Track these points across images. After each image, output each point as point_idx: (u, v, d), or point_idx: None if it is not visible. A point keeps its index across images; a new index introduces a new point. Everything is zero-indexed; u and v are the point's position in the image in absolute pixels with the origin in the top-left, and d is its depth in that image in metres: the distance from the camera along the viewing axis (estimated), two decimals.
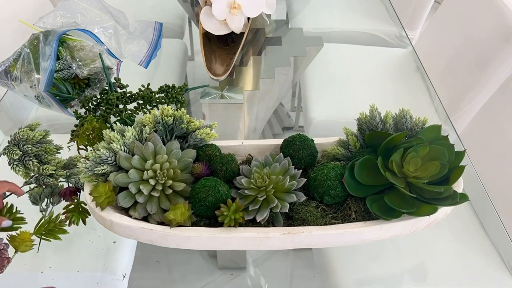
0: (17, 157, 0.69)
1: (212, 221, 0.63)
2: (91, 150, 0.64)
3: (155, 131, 0.67)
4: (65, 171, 0.72)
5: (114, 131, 0.65)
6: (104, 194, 0.61)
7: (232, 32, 1.05)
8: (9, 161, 0.70)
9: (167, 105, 0.70)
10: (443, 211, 0.63)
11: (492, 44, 1.13)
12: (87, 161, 0.62)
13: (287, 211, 0.61)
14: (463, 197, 0.60)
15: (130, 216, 0.62)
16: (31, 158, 0.70)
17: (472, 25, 1.23)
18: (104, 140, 0.65)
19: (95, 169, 0.62)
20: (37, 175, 0.71)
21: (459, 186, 0.64)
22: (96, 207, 0.62)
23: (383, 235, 0.64)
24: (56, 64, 0.88)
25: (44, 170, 0.70)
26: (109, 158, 0.63)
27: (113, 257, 0.85)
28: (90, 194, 0.62)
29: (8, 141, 0.71)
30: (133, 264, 0.90)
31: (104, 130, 0.65)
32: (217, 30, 1.04)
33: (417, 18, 1.70)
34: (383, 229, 0.62)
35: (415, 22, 1.72)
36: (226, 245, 0.63)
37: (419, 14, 1.69)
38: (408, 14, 1.70)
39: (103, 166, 0.62)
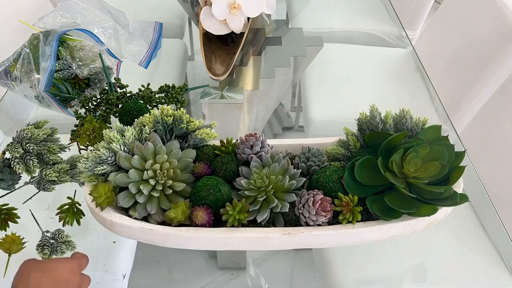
0: (19, 155, 0.69)
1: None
2: (91, 150, 0.63)
3: (155, 131, 0.67)
4: (68, 176, 0.72)
5: (114, 130, 0.65)
6: (104, 194, 0.61)
7: (232, 32, 1.05)
8: (11, 157, 0.70)
9: (167, 105, 0.70)
10: (443, 212, 0.63)
11: (492, 44, 1.13)
12: (87, 161, 0.62)
13: (287, 210, 0.61)
14: (463, 198, 0.60)
15: (130, 216, 0.62)
16: (32, 157, 0.69)
17: (472, 25, 1.23)
18: (104, 140, 0.65)
19: (95, 169, 0.62)
20: (39, 178, 0.71)
21: (459, 187, 0.64)
22: (96, 207, 0.62)
23: (383, 235, 0.64)
24: (56, 64, 0.88)
25: (47, 176, 0.69)
26: (109, 158, 0.63)
27: (113, 257, 0.85)
28: (90, 194, 0.62)
29: (13, 138, 0.71)
30: (133, 264, 0.90)
31: (104, 130, 0.65)
32: (217, 30, 1.04)
33: (417, 18, 1.70)
34: (383, 230, 0.62)
35: (415, 22, 1.72)
36: (227, 245, 0.63)
37: (419, 14, 1.69)
38: (408, 14, 1.70)
39: (103, 166, 0.62)
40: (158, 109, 0.69)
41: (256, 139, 0.67)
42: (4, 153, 0.72)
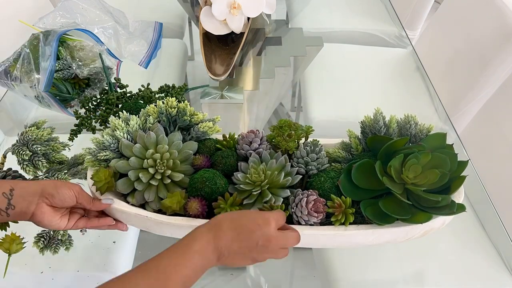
0: (27, 157, 0.69)
1: (207, 212, 0.63)
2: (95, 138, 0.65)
3: (159, 122, 0.68)
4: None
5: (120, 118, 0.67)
6: (104, 179, 0.62)
7: (232, 32, 1.05)
8: (19, 160, 0.70)
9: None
10: (441, 221, 0.63)
11: (492, 44, 1.13)
12: (92, 148, 0.64)
13: (279, 204, 0.62)
14: (460, 208, 0.59)
15: (128, 203, 0.64)
16: (40, 158, 0.70)
17: (472, 25, 1.23)
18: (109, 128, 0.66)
19: (98, 154, 0.64)
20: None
21: (459, 196, 0.64)
22: (96, 191, 0.63)
23: (376, 240, 0.63)
24: (56, 64, 0.88)
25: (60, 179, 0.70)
26: (112, 145, 0.64)
27: (113, 257, 0.85)
28: (91, 178, 0.63)
29: (17, 140, 0.71)
30: (133, 264, 0.90)
31: (110, 117, 0.67)
32: (217, 30, 1.04)
33: (417, 18, 1.70)
34: (376, 234, 0.62)
35: (415, 22, 1.72)
36: None
37: (419, 14, 1.69)
38: (408, 14, 1.70)
39: (105, 152, 0.64)
40: None
41: (255, 136, 0.67)
42: (5, 156, 0.72)
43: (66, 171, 0.71)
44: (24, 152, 0.69)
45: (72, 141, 0.79)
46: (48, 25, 0.99)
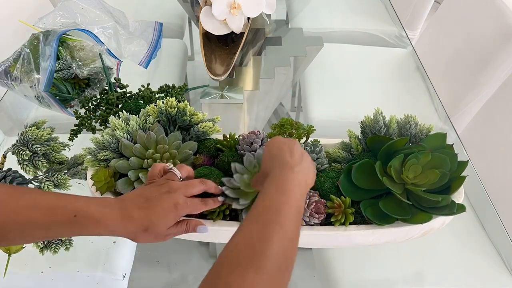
0: (27, 158, 0.69)
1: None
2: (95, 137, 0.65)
3: (159, 122, 0.68)
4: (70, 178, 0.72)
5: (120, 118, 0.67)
6: (104, 180, 0.62)
7: (232, 32, 1.05)
8: (19, 160, 0.70)
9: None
10: (441, 221, 0.63)
11: (492, 44, 1.13)
12: (92, 148, 0.64)
13: None
14: (460, 208, 0.59)
15: None
16: (40, 158, 0.70)
17: (472, 25, 1.23)
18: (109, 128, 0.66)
19: (98, 154, 0.64)
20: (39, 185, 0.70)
21: (459, 196, 0.64)
22: (96, 191, 0.63)
23: (376, 240, 0.63)
24: (56, 64, 0.88)
25: (60, 181, 0.70)
26: (112, 145, 0.64)
27: (113, 257, 0.85)
28: (91, 178, 0.63)
29: (17, 140, 0.71)
30: (133, 264, 0.90)
31: (110, 117, 0.67)
32: (217, 30, 1.04)
33: (417, 18, 1.70)
34: (376, 234, 0.62)
35: (415, 22, 1.72)
36: (217, 238, 0.64)
37: (419, 14, 1.69)
38: (408, 14, 1.70)
39: (105, 152, 0.64)
40: None
41: (256, 137, 0.67)
42: (5, 156, 0.72)
43: (66, 171, 0.72)
44: (24, 152, 0.69)
45: (72, 141, 0.79)
46: (48, 25, 0.99)
